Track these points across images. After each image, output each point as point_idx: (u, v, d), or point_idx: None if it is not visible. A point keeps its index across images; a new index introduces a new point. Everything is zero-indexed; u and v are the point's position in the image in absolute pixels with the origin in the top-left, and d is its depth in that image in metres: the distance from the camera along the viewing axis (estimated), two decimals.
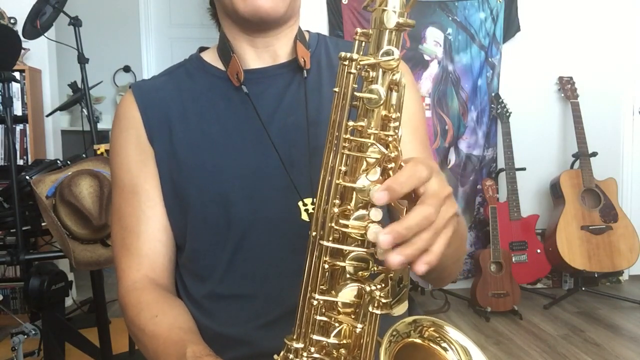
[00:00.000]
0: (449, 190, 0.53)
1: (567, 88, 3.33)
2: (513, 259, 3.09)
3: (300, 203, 0.77)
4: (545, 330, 2.78)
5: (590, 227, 3.09)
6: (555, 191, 3.25)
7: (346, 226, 0.54)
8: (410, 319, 0.58)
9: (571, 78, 3.35)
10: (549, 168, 3.44)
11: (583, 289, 3.24)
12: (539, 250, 3.17)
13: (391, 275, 0.53)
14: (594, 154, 3.19)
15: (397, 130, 0.53)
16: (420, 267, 0.50)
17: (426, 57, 3.35)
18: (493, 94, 3.35)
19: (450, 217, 0.53)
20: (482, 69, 3.37)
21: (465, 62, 3.37)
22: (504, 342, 2.63)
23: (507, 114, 3.24)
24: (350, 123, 0.54)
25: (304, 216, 0.77)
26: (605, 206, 3.13)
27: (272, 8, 0.75)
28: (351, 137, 0.54)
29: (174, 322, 0.74)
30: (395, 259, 0.49)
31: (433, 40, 3.34)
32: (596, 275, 3.19)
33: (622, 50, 3.48)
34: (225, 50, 0.82)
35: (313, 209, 0.75)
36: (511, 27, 3.39)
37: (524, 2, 3.39)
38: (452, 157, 3.38)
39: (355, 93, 0.54)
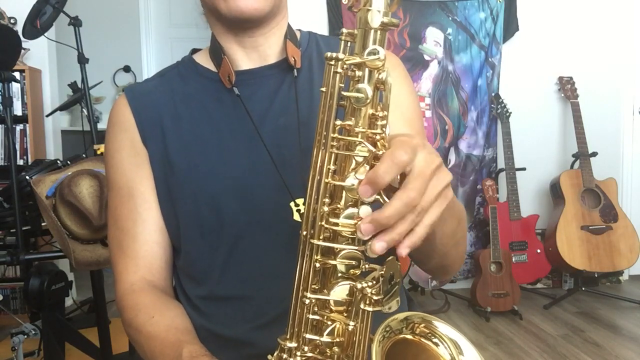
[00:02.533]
0: (437, 162, 0.52)
1: (567, 88, 3.33)
2: (513, 259, 3.09)
3: (292, 203, 0.77)
4: (545, 330, 2.78)
5: (590, 227, 3.09)
6: (555, 191, 3.25)
7: (336, 224, 0.55)
8: (402, 315, 0.58)
9: (571, 78, 3.35)
10: (549, 168, 3.44)
11: (583, 289, 3.24)
12: (539, 250, 3.17)
13: (382, 272, 0.53)
14: (594, 154, 3.19)
15: (384, 129, 0.54)
16: (403, 250, 0.50)
17: (426, 57, 3.35)
18: (493, 94, 3.35)
19: (441, 189, 0.52)
20: (482, 69, 3.37)
21: (465, 62, 3.37)
22: (504, 342, 2.63)
23: (507, 114, 3.24)
24: (338, 122, 0.54)
25: (296, 216, 0.77)
26: (605, 206, 3.13)
27: (255, 9, 0.74)
28: (339, 136, 0.54)
29: (171, 323, 0.75)
30: (378, 245, 0.49)
31: (433, 40, 3.34)
32: (596, 275, 3.19)
33: (622, 50, 3.48)
34: (217, 52, 0.82)
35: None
36: (510, 27, 3.39)
37: (524, 2, 3.39)
38: (452, 157, 3.38)
39: (343, 92, 0.54)
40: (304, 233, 0.56)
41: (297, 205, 0.77)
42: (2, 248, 2.10)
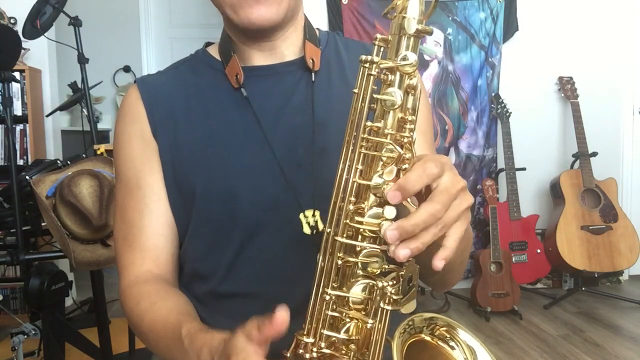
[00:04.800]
0: (462, 184, 0.54)
1: (567, 88, 3.33)
2: (513, 259, 3.09)
3: (301, 215, 0.76)
4: (545, 330, 2.78)
5: (590, 227, 3.09)
6: (555, 191, 3.25)
7: (361, 223, 0.56)
8: (427, 315, 0.60)
9: (571, 78, 3.35)
10: (549, 168, 3.44)
11: (583, 289, 3.24)
12: (539, 250, 3.17)
13: (402, 272, 0.54)
14: (594, 154, 3.19)
15: (412, 133, 0.55)
16: (438, 262, 0.52)
17: (426, 57, 3.35)
18: (493, 94, 3.35)
19: (463, 210, 0.54)
20: (482, 69, 3.37)
21: (465, 62, 3.37)
22: (504, 342, 2.63)
23: (507, 114, 3.24)
24: (368, 123, 0.56)
25: (306, 229, 0.76)
26: (605, 206, 3.13)
27: (267, 19, 0.73)
28: (369, 137, 0.56)
29: (173, 307, 0.73)
30: (402, 252, 0.51)
31: (433, 40, 3.34)
32: (596, 275, 3.19)
33: (622, 50, 3.48)
34: (226, 49, 0.81)
35: (315, 221, 0.76)
36: (510, 27, 3.39)
37: (524, 2, 3.39)
38: (452, 157, 3.38)
39: (374, 95, 0.56)
40: (328, 230, 0.57)
41: (306, 217, 0.76)
42: (2, 248, 2.10)
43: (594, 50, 3.46)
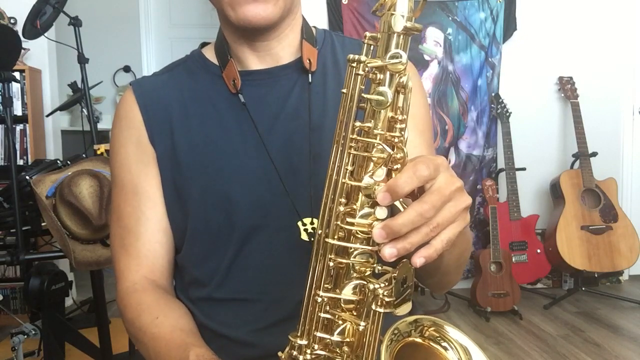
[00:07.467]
0: (457, 184, 0.53)
1: (567, 88, 3.32)
2: (513, 259, 3.09)
3: (299, 223, 0.76)
4: (545, 330, 2.78)
5: (590, 227, 3.09)
6: (555, 191, 3.25)
7: (352, 224, 0.55)
8: (411, 318, 0.59)
9: (571, 78, 3.35)
10: (549, 168, 3.44)
11: (583, 289, 3.24)
12: (539, 250, 3.17)
13: (395, 274, 0.53)
14: (594, 154, 3.19)
15: (403, 132, 0.54)
16: (418, 259, 0.51)
17: (426, 57, 3.35)
18: (493, 94, 3.35)
19: (459, 210, 0.53)
20: (482, 69, 3.37)
21: (465, 62, 3.37)
22: (504, 342, 2.63)
23: (507, 114, 3.24)
24: (357, 124, 0.55)
25: (304, 236, 0.76)
26: (605, 206, 3.13)
27: (263, 18, 0.72)
28: (358, 137, 0.55)
29: (176, 324, 0.74)
30: (388, 251, 0.50)
31: (433, 40, 3.34)
32: (596, 275, 3.19)
33: (622, 50, 3.48)
34: (223, 51, 0.80)
35: (313, 229, 0.76)
36: (510, 26, 3.39)
37: (524, 2, 3.39)
38: (452, 157, 3.38)
39: (363, 95, 0.54)
40: (319, 232, 0.57)
41: (304, 225, 0.76)
42: (2, 248, 2.09)
43: (594, 50, 3.46)
